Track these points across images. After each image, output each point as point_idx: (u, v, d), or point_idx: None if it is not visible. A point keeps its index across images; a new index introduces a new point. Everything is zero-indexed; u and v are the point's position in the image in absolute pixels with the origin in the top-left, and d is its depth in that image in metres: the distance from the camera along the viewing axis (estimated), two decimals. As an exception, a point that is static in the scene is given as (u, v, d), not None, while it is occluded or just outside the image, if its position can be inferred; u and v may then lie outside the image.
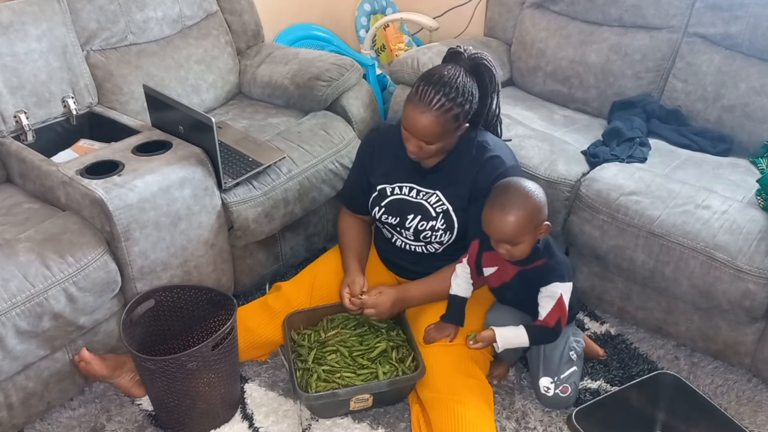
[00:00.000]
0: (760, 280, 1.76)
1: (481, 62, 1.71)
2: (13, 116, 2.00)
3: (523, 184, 1.63)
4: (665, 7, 2.37)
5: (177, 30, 2.44)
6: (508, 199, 1.60)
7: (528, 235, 1.61)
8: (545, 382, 1.79)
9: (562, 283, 1.68)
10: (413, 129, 1.66)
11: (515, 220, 1.58)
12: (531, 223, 1.60)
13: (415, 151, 1.71)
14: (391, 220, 1.86)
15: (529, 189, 1.62)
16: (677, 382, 1.75)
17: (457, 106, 1.63)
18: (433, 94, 1.62)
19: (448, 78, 1.63)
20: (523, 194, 1.60)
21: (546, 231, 1.65)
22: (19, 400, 1.71)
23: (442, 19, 3.13)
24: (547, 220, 1.64)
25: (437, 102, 1.61)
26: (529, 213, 1.59)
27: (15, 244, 1.71)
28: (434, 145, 1.68)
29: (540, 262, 1.68)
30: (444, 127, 1.64)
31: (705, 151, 2.23)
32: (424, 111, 1.62)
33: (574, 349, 1.83)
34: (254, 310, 1.96)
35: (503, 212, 1.59)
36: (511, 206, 1.59)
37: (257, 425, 1.82)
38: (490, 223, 1.62)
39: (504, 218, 1.59)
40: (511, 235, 1.60)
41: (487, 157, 1.76)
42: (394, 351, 1.83)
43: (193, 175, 1.87)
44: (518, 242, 1.62)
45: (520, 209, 1.58)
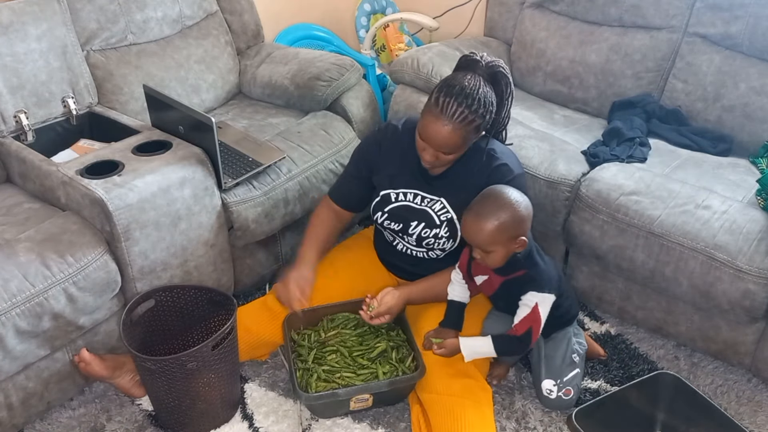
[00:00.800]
0: (760, 280, 1.76)
1: (498, 70, 1.70)
2: (13, 116, 2.00)
3: (507, 194, 1.61)
4: (665, 7, 2.37)
5: (177, 30, 2.44)
6: (487, 206, 1.59)
7: (500, 245, 1.60)
8: (548, 384, 1.79)
9: (540, 293, 1.66)
10: (433, 140, 1.64)
11: (488, 228, 1.57)
12: (504, 234, 1.58)
13: (431, 161, 1.69)
14: (393, 226, 1.85)
15: (511, 201, 1.59)
16: (677, 382, 1.75)
17: (479, 118, 1.62)
18: (456, 106, 1.59)
19: (470, 89, 1.61)
20: (503, 204, 1.59)
21: (521, 246, 1.62)
22: (19, 400, 1.71)
23: (442, 19, 3.13)
24: (524, 236, 1.62)
25: (460, 114, 1.59)
26: (503, 224, 1.57)
27: (15, 244, 1.71)
28: (451, 156, 1.67)
29: (520, 272, 1.67)
30: (464, 138, 1.64)
31: (705, 151, 2.23)
32: (447, 124, 1.60)
33: (577, 351, 1.83)
34: (254, 310, 1.95)
35: (477, 217, 1.59)
36: (487, 213, 1.58)
37: (257, 425, 1.82)
38: (464, 225, 1.63)
39: (477, 224, 1.58)
40: (482, 243, 1.59)
41: (496, 165, 1.75)
42: (394, 351, 1.83)
43: (193, 175, 1.87)
44: (489, 251, 1.61)
45: (495, 219, 1.57)
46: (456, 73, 1.69)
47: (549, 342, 1.83)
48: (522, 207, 1.61)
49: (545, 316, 1.67)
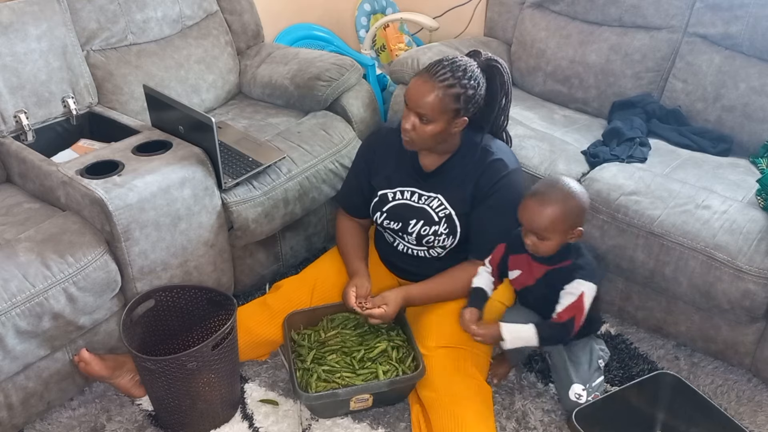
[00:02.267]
0: (760, 280, 1.76)
1: (495, 64, 1.73)
2: (13, 116, 2.00)
3: (570, 183, 1.63)
4: (665, 7, 2.37)
5: (177, 30, 2.44)
6: (551, 192, 1.61)
7: (558, 233, 1.61)
8: (578, 389, 1.77)
9: (586, 282, 1.67)
10: (413, 98, 1.65)
11: (550, 214, 1.59)
12: (565, 222, 1.60)
13: (409, 129, 1.68)
14: (393, 226, 1.86)
15: (574, 190, 1.62)
16: (677, 382, 1.75)
17: (460, 87, 1.63)
18: (441, 68, 1.64)
19: (459, 61, 1.66)
20: (567, 192, 1.61)
21: (578, 236, 1.64)
22: (19, 400, 1.71)
23: (442, 19, 3.13)
24: (582, 226, 1.64)
25: (442, 74, 1.63)
26: (565, 212, 1.59)
27: (15, 244, 1.71)
28: (429, 126, 1.66)
29: (568, 261, 1.68)
30: (443, 103, 1.63)
31: (705, 151, 2.23)
32: (428, 80, 1.63)
33: (602, 357, 1.83)
34: (254, 309, 1.96)
35: (542, 203, 1.60)
36: (550, 200, 1.59)
37: (257, 425, 1.82)
38: (526, 210, 1.63)
39: (540, 209, 1.59)
40: (542, 228, 1.60)
41: (490, 160, 1.75)
42: (394, 351, 1.82)
43: (193, 175, 1.87)
44: (546, 237, 1.62)
45: (558, 205, 1.59)
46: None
47: (574, 347, 1.82)
48: (585, 198, 1.64)
49: (588, 307, 1.68)
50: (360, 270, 1.88)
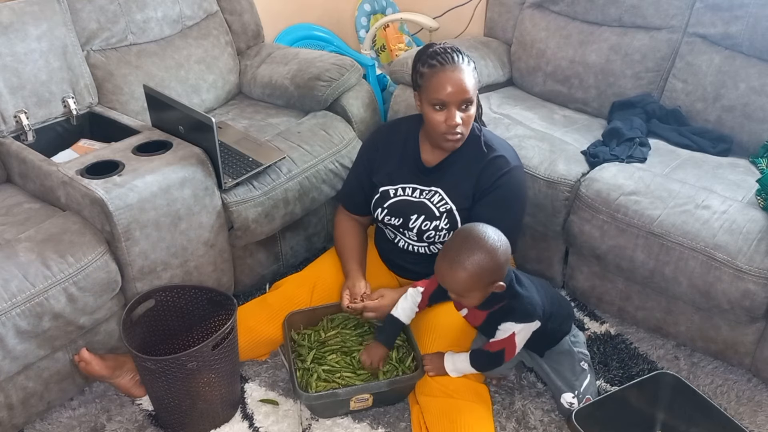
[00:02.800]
0: (760, 280, 1.76)
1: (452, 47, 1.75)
2: (13, 116, 2.00)
3: (484, 240, 1.52)
4: (665, 7, 2.37)
5: (177, 30, 2.44)
6: (462, 252, 1.51)
7: (476, 291, 1.56)
8: (568, 398, 1.77)
9: (518, 324, 1.63)
10: (455, 90, 1.63)
11: (462, 279, 1.52)
12: (481, 282, 1.53)
13: (461, 123, 1.66)
14: (394, 222, 1.86)
15: (488, 247, 1.51)
16: (677, 382, 1.75)
17: (471, 60, 1.69)
18: (451, 52, 1.66)
19: (443, 44, 1.69)
20: (480, 251, 1.51)
21: (499, 289, 1.57)
22: (19, 400, 1.71)
23: (442, 19, 3.13)
24: (502, 280, 1.57)
25: (459, 58, 1.66)
26: (478, 274, 1.51)
27: (15, 244, 1.71)
28: (471, 109, 1.68)
29: (504, 302, 1.63)
30: (475, 80, 1.67)
31: (705, 151, 2.23)
32: (460, 69, 1.65)
33: (584, 359, 1.83)
34: (254, 308, 1.96)
35: (452, 266, 1.52)
36: (460, 264, 1.50)
37: (257, 425, 1.82)
38: (438, 272, 1.56)
39: (452, 273, 1.52)
40: (458, 291, 1.56)
41: (492, 156, 1.76)
42: (394, 351, 1.83)
43: (193, 175, 1.87)
44: (466, 296, 1.58)
45: (469, 269, 1.50)
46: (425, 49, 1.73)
47: (553, 355, 1.82)
48: (500, 253, 1.53)
49: (523, 342, 1.67)
50: (353, 271, 1.88)
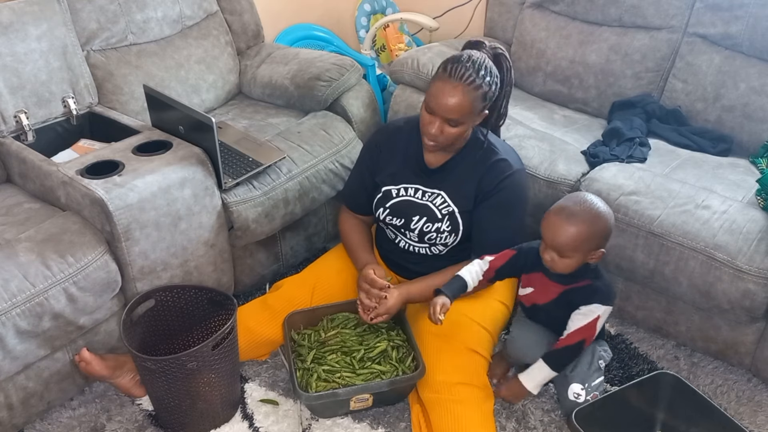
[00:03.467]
0: (760, 280, 1.76)
1: (501, 53, 1.74)
2: (13, 116, 2.00)
3: (598, 203, 1.60)
4: (665, 7, 2.37)
5: (177, 30, 2.44)
6: (579, 210, 1.57)
7: (580, 253, 1.59)
8: (576, 388, 1.77)
9: (603, 306, 1.66)
10: (442, 105, 1.63)
11: (575, 233, 1.56)
12: (589, 243, 1.58)
13: (437, 134, 1.67)
14: (395, 222, 1.86)
15: (602, 211, 1.59)
16: (677, 382, 1.75)
17: (485, 85, 1.63)
18: (464, 69, 1.62)
19: (476, 58, 1.64)
20: (595, 213, 1.58)
21: (598, 258, 1.63)
22: (19, 400, 1.71)
23: (442, 19, 3.13)
24: (604, 248, 1.62)
25: (468, 77, 1.61)
26: (591, 233, 1.57)
27: (15, 244, 1.71)
28: (456, 129, 1.66)
29: (586, 281, 1.67)
30: (472, 105, 1.63)
31: (705, 151, 2.23)
32: (456, 86, 1.61)
33: (603, 358, 1.83)
34: (254, 309, 1.96)
35: (568, 220, 1.57)
36: (577, 218, 1.56)
37: (257, 425, 1.82)
38: (549, 226, 1.60)
39: (566, 226, 1.56)
40: (565, 246, 1.57)
41: (495, 159, 1.76)
42: (394, 351, 1.83)
43: (193, 175, 1.87)
44: (567, 256, 1.59)
45: (585, 225, 1.56)
46: (461, 51, 1.72)
47: None
48: (610, 219, 1.60)
49: (599, 329, 1.68)
50: (371, 260, 1.88)
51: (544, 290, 1.72)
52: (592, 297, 1.66)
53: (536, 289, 1.73)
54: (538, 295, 1.74)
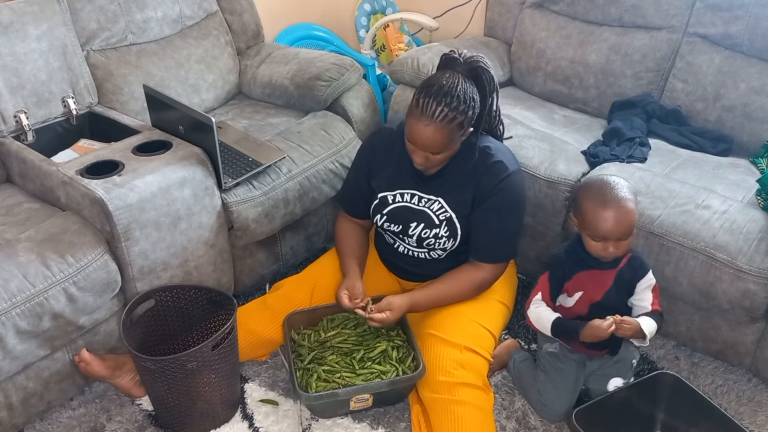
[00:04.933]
0: (760, 280, 1.76)
1: (477, 65, 1.69)
2: (13, 116, 2.00)
3: (618, 179, 1.65)
4: (665, 7, 2.37)
5: (177, 30, 2.44)
6: (621, 195, 1.60)
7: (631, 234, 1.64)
8: (618, 381, 1.79)
9: (650, 271, 1.72)
10: (418, 142, 1.65)
11: (632, 215, 1.60)
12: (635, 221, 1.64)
13: (422, 162, 1.70)
14: (393, 228, 1.86)
15: (625, 183, 1.65)
16: (677, 382, 1.75)
17: (460, 114, 1.62)
18: (435, 105, 1.60)
19: (448, 87, 1.61)
20: (628, 188, 1.63)
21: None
22: (19, 400, 1.71)
23: (442, 19, 3.13)
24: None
25: (440, 113, 1.60)
26: (636, 208, 1.62)
27: (15, 244, 1.71)
28: (440, 155, 1.68)
29: (627, 254, 1.70)
30: (449, 136, 1.63)
31: (705, 151, 2.23)
32: (429, 124, 1.61)
33: (636, 358, 1.85)
34: (254, 309, 1.96)
35: (621, 208, 1.59)
36: (626, 201, 1.60)
37: (257, 425, 1.82)
38: (607, 222, 1.59)
39: (622, 214, 1.59)
40: (627, 232, 1.61)
41: (491, 162, 1.75)
42: (394, 351, 1.82)
43: (193, 175, 1.87)
44: (626, 240, 1.62)
45: (632, 203, 1.61)
46: (435, 73, 1.70)
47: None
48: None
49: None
50: (351, 270, 1.87)
51: (597, 284, 1.72)
52: (643, 265, 1.72)
53: (587, 289, 1.72)
54: (593, 293, 1.72)
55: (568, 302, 1.74)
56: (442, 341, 1.77)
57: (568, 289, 1.74)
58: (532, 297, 1.77)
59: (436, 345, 1.77)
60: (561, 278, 1.73)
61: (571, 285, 1.73)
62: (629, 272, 1.71)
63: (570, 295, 1.74)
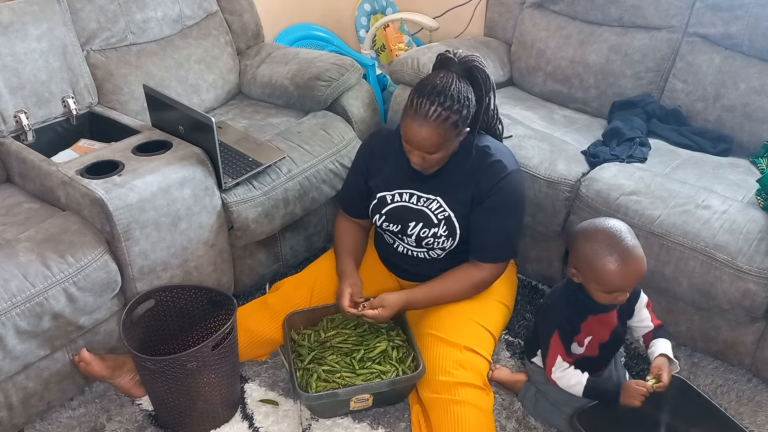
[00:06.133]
0: (760, 280, 1.76)
1: (472, 65, 1.69)
2: (13, 116, 2.00)
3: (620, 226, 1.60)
4: (665, 7, 2.37)
5: (177, 30, 2.44)
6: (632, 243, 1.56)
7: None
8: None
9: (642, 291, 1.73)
10: (414, 142, 1.65)
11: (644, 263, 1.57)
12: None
13: (419, 162, 1.70)
14: (392, 228, 1.86)
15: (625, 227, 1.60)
16: (682, 385, 1.74)
17: (454, 114, 1.62)
18: (428, 105, 1.60)
19: (441, 87, 1.61)
20: (631, 232, 1.59)
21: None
22: (19, 400, 1.71)
23: (442, 19, 3.13)
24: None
25: (434, 113, 1.60)
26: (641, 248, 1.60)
27: (15, 244, 1.71)
28: (437, 155, 1.68)
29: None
30: (444, 136, 1.63)
31: (705, 151, 2.23)
32: (423, 124, 1.61)
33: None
34: (254, 309, 1.96)
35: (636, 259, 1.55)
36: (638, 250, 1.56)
37: (257, 425, 1.82)
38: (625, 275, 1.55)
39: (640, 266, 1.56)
40: (642, 278, 1.59)
41: (489, 162, 1.75)
42: (394, 351, 1.82)
43: (193, 175, 1.87)
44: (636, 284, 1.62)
45: (639, 245, 1.57)
46: (430, 73, 1.71)
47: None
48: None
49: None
50: (348, 269, 1.86)
51: (604, 326, 1.70)
52: (635, 287, 1.71)
53: (596, 333, 1.70)
54: (601, 335, 1.70)
55: (579, 350, 1.72)
56: (442, 341, 1.77)
57: (578, 340, 1.71)
58: (551, 362, 1.70)
59: (436, 345, 1.77)
60: (570, 333, 1.70)
61: (582, 335, 1.71)
62: (626, 301, 1.68)
63: (581, 344, 1.71)
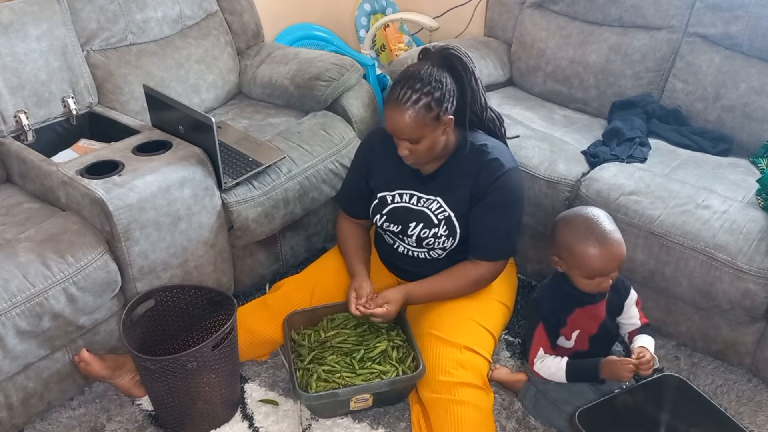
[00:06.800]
0: (760, 280, 1.76)
1: (448, 52, 1.70)
2: (13, 116, 2.00)
3: (597, 212, 1.65)
4: (665, 7, 2.37)
5: (177, 30, 2.44)
6: (609, 228, 1.61)
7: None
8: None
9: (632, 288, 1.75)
10: (392, 129, 1.67)
11: (623, 247, 1.61)
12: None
13: (406, 154, 1.70)
14: (393, 228, 1.86)
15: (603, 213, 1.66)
16: (683, 385, 1.74)
17: (425, 95, 1.62)
18: (398, 89, 1.63)
19: (412, 72, 1.65)
20: (609, 217, 1.64)
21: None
22: (19, 400, 1.71)
23: (442, 19, 3.13)
24: None
25: (404, 95, 1.62)
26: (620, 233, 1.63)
27: (15, 244, 1.71)
28: (420, 144, 1.67)
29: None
30: (419, 119, 1.63)
31: (705, 151, 2.23)
32: (395, 107, 1.63)
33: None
34: (254, 309, 1.96)
35: (613, 242, 1.59)
36: (616, 233, 1.60)
37: (257, 425, 1.82)
38: (601, 257, 1.59)
39: (616, 248, 1.59)
40: (621, 263, 1.61)
41: (487, 159, 1.75)
42: (394, 351, 1.82)
43: (193, 175, 1.87)
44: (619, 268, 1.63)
45: (619, 232, 1.61)
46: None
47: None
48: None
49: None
50: (359, 271, 1.88)
51: (592, 319, 1.71)
52: (625, 284, 1.74)
53: (584, 326, 1.71)
54: (590, 327, 1.72)
55: (568, 344, 1.74)
56: (442, 341, 1.77)
57: (565, 333, 1.73)
58: (534, 354, 1.74)
59: (435, 345, 1.77)
60: (556, 326, 1.72)
61: (568, 328, 1.72)
62: (615, 296, 1.72)
63: (568, 337, 1.73)
